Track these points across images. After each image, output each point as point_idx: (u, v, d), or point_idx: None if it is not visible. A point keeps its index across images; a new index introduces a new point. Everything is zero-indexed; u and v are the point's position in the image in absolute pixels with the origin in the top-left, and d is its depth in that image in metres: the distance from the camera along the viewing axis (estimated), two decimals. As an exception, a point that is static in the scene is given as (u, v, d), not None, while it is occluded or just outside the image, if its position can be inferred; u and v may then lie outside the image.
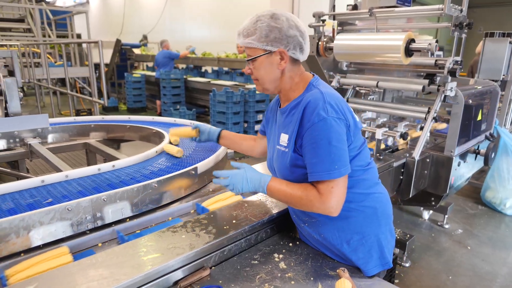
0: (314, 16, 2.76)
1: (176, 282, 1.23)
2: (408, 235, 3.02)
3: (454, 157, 2.59)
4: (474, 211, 4.05)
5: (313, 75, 1.42)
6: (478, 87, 2.96)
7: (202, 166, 1.80)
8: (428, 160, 2.65)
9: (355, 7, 2.69)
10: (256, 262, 1.38)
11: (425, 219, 3.85)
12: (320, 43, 2.73)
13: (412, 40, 2.19)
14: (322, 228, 1.41)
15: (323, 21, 2.66)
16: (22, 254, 1.24)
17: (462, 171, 2.86)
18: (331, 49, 2.62)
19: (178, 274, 1.23)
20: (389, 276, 2.63)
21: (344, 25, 2.89)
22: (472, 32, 2.76)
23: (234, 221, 1.46)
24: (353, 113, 1.34)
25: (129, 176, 1.70)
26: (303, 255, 1.44)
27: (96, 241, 1.39)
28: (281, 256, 1.42)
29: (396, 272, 2.90)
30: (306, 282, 1.27)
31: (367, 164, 1.40)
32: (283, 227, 1.62)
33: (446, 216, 3.69)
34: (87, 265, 1.13)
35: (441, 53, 3.04)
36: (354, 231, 1.38)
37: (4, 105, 2.85)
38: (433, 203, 2.84)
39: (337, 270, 1.34)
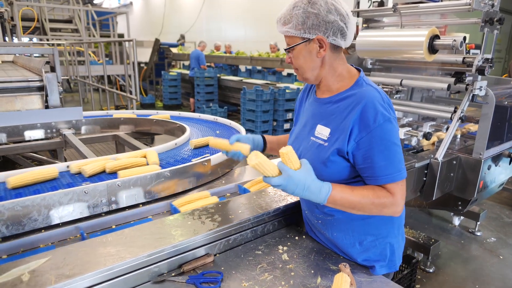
0: (338, 13, 2.72)
1: (180, 266, 1.29)
2: (433, 240, 2.92)
3: (483, 160, 2.46)
4: (511, 220, 3.82)
5: (358, 69, 1.33)
6: (515, 87, 2.79)
7: (215, 158, 1.86)
8: (454, 162, 2.54)
9: (381, 3, 2.63)
10: (260, 252, 1.41)
11: (455, 225, 3.69)
12: (343, 40, 2.69)
13: (436, 37, 2.11)
14: (337, 227, 1.37)
15: (347, 18, 2.61)
16: (42, 231, 1.36)
17: (493, 176, 2.71)
18: (354, 46, 2.58)
19: (183, 258, 1.29)
20: (409, 280, 2.57)
21: (370, 22, 2.84)
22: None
23: (240, 212, 1.50)
24: None
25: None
26: (307, 249, 1.45)
27: (111, 224, 1.48)
28: (285, 248, 1.44)
29: (418, 276, 2.81)
30: (306, 274, 1.29)
31: None
32: (291, 221, 1.64)
33: (478, 223, 3.52)
34: (98, 243, 1.22)
35: (478, 51, 2.90)
36: (369, 232, 1.35)
37: (45, 98, 3.08)
38: (460, 207, 2.71)
39: (339, 265, 1.34)
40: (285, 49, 1.26)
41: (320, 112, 1.31)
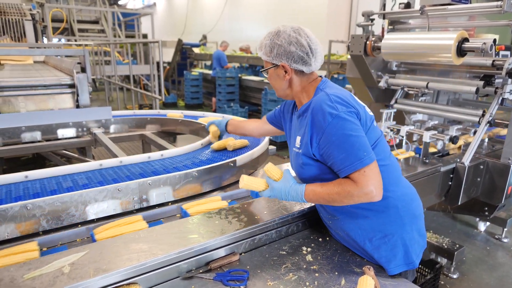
0: (363, 15, 2.72)
1: (207, 263, 1.34)
2: (458, 245, 2.87)
3: (512, 165, 2.41)
4: (541, 227, 3.69)
5: (321, 78, 1.48)
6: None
7: (241, 159, 1.90)
8: (482, 167, 2.49)
9: (407, 5, 2.60)
10: (284, 252, 1.44)
11: (481, 230, 3.60)
12: (368, 42, 2.69)
13: (465, 39, 2.08)
14: (345, 226, 1.44)
15: (372, 20, 2.61)
16: (79, 226, 1.44)
17: (522, 181, 2.64)
18: (379, 48, 2.56)
19: (210, 256, 1.34)
20: (432, 285, 2.54)
21: (396, 24, 2.81)
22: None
23: (265, 212, 1.54)
24: (365, 108, 1.39)
25: (174, 165, 1.85)
26: (331, 251, 1.47)
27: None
28: (309, 249, 1.46)
29: (442, 282, 2.77)
30: (330, 275, 1.31)
31: (384, 159, 1.38)
32: (314, 222, 1.66)
33: (505, 229, 3.42)
34: (131, 239, 1.28)
35: (508, 53, 2.82)
36: (376, 229, 1.39)
37: (76, 97, 3.22)
38: (487, 213, 2.66)
39: (363, 268, 1.36)
40: (261, 71, 1.50)
41: (296, 125, 1.50)
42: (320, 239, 1.55)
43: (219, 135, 2.17)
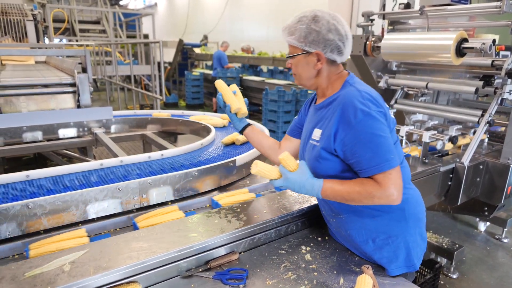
0: (363, 15, 2.73)
1: (207, 262, 1.35)
2: (457, 245, 2.87)
3: (511, 165, 2.41)
4: (541, 227, 3.70)
5: (349, 73, 1.42)
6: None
7: (240, 159, 1.91)
8: (481, 166, 2.49)
9: (407, 5, 2.61)
10: (284, 252, 1.45)
11: (481, 231, 3.61)
12: (367, 42, 2.69)
13: (464, 40, 2.08)
14: (349, 225, 1.42)
15: (372, 20, 2.61)
16: (80, 224, 1.45)
17: (522, 181, 2.64)
18: (379, 48, 2.57)
19: (209, 255, 1.35)
20: (431, 285, 2.54)
21: (396, 24, 2.81)
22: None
23: (265, 211, 1.54)
24: (388, 110, 1.35)
25: (174, 164, 1.86)
26: (330, 250, 1.48)
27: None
28: (308, 248, 1.47)
29: (441, 282, 2.78)
30: (329, 274, 1.32)
31: (400, 163, 1.39)
32: (314, 222, 1.67)
33: (505, 229, 3.43)
34: (131, 238, 1.29)
35: (508, 53, 2.83)
36: (380, 230, 1.38)
37: (77, 97, 3.23)
38: (487, 213, 2.66)
39: (362, 267, 1.36)
40: (287, 56, 1.40)
41: (316, 117, 1.43)
42: (319, 239, 1.55)
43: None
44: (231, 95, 1.59)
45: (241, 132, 1.67)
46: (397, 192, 1.23)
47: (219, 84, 1.59)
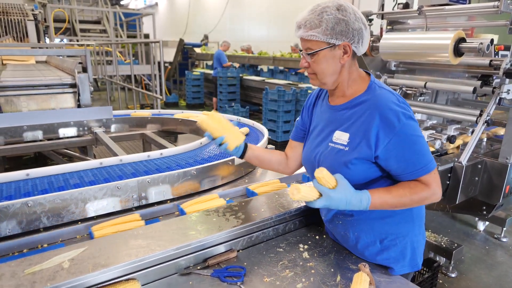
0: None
1: (205, 260, 1.36)
2: (456, 244, 2.87)
3: (510, 165, 2.42)
4: (540, 226, 3.70)
5: (368, 73, 1.37)
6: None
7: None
8: (479, 166, 2.50)
9: (406, 5, 2.61)
10: (281, 250, 1.46)
11: (480, 230, 3.61)
12: (367, 42, 2.70)
13: (462, 39, 2.09)
14: (358, 227, 1.40)
15: (371, 20, 2.62)
16: (79, 223, 1.46)
17: (520, 181, 2.65)
18: (377, 48, 2.58)
19: (208, 253, 1.36)
20: (430, 284, 2.55)
21: (394, 24, 2.82)
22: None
23: (263, 210, 1.56)
24: None
25: (174, 163, 1.88)
26: (327, 248, 1.49)
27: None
28: (306, 246, 1.48)
29: (440, 281, 2.79)
30: (326, 272, 1.33)
31: None
32: (312, 220, 1.67)
33: (504, 228, 3.43)
34: (130, 236, 1.31)
35: (507, 53, 2.84)
36: (389, 231, 1.37)
37: (77, 97, 3.25)
38: (485, 212, 2.67)
39: (359, 265, 1.37)
40: (308, 53, 1.26)
41: (336, 118, 1.34)
42: (317, 237, 1.56)
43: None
44: (220, 129, 1.50)
45: (241, 157, 1.56)
46: (440, 190, 1.26)
47: (204, 124, 1.46)
